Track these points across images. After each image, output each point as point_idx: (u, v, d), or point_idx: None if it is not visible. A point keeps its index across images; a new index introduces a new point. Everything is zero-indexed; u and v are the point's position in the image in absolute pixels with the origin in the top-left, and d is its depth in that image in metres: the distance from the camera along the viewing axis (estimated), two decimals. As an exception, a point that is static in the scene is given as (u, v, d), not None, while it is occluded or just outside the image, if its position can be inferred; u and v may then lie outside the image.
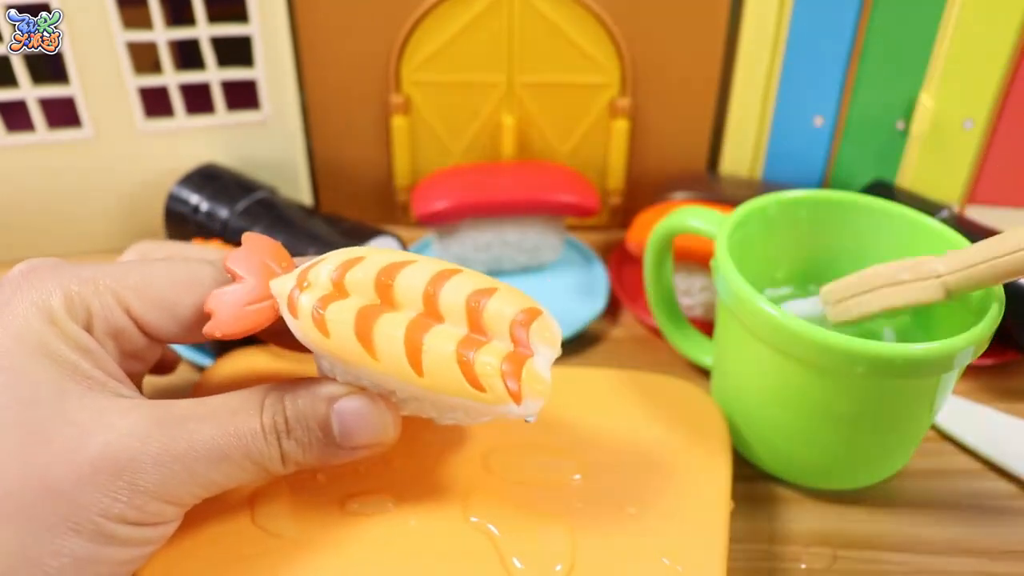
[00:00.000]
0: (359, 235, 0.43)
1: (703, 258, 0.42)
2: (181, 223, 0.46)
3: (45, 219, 0.48)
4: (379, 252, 0.26)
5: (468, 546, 0.27)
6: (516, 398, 0.24)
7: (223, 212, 0.45)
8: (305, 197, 0.51)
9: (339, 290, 0.25)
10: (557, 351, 0.25)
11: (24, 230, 0.48)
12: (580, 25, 0.47)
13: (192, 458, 0.23)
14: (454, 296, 0.25)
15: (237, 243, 0.44)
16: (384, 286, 0.25)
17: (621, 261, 0.49)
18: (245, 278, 0.26)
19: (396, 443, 0.27)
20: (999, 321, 0.30)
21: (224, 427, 0.24)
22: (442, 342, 0.24)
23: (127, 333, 0.26)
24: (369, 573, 0.27)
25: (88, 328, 0.25)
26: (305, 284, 0.25)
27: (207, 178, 0.47)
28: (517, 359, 0.24)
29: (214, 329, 0.25)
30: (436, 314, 0.25)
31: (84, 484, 0.22)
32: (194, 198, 0.46)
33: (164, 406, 0.24)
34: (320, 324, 0.24)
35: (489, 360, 0.24)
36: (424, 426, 0.31)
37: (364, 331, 0.24)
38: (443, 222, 0.47)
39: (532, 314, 0.25)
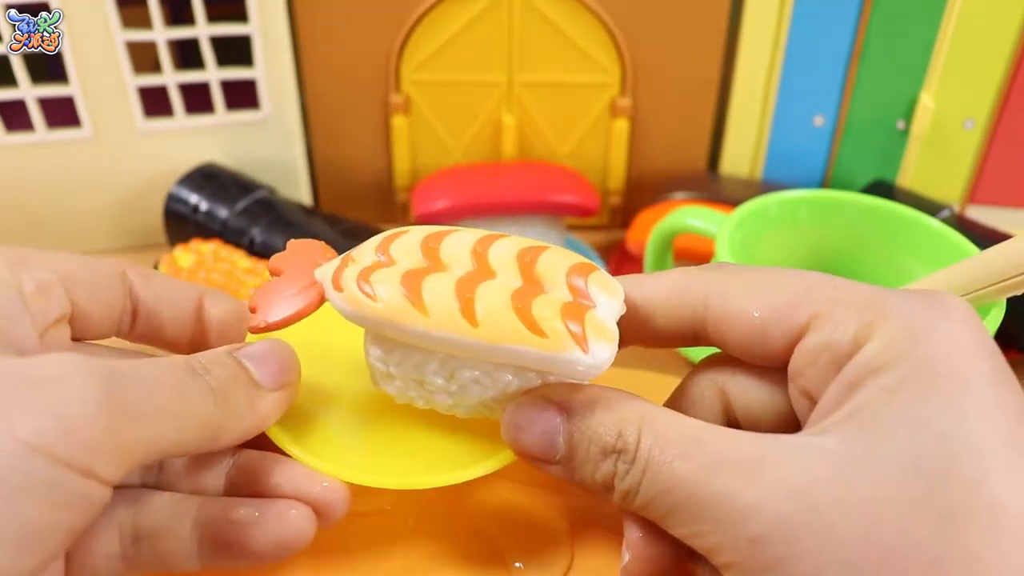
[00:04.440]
0: (359, 235, 0.43)
1: (703, 258, 0.42)
2: (180, 223, 0.46)
3: (45, 219, 0.48)
4: (423, 227, 0.25)
5: (467, 546, 0.27)
6: (581, 342, 0.21)
7: (222, 212, 0.45)
8: (305, 197, 0.51)
9: (384, 260, 0.24)
10: (621, 305, 0.23)
11: (24, 230, 0.48)
12: (580, 25, 0.47)
13: (140, 416, 0.20)
14: (505, 251, 0.24)
15: (237, 243, 0.44)
16: (430, 250, 0.24)
17: (621, 261, 0.49)
18: (287, 272, 0.25)
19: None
20: (999, 322, 0.30)
21: (158, 363, 0.21)
22: (496, 291, 0.22)
23: (56, 289, 0.24)
24: (368, 573, 0.27)
25: (14, 280, 0.23)
26: (350, 262, 0.24)
27: (206, 178, 0.47)
28: (578, 307, 0.22)
29: (259, 320, 0.24)
30: (487, 270, 0.23)
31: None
32: (193, 198, 0.46)
33: (89, 356, 0.20)
34: (365, 290, 0.23)
35: (548, 304, 0.22)
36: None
37: (413, 288, 0.23)
38: (443, 222, 0.47)
39: (589, 267, 0.23)
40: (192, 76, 0.46)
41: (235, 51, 0.46)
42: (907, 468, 0.18)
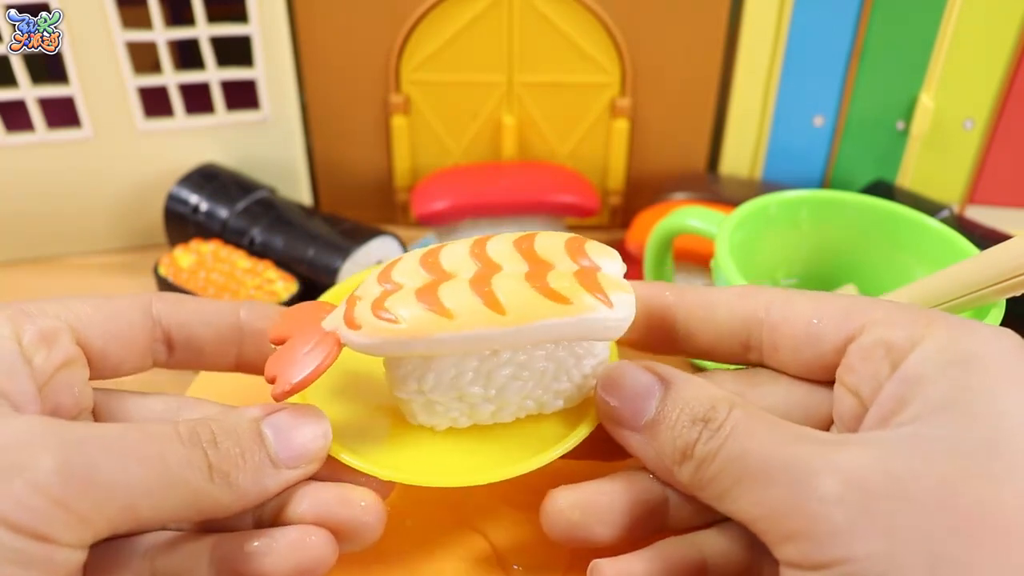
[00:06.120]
0: (359, 235, 0.43)
1: (703, 258, 0.42)
2: (181, 223, 0.46)
3: (45, 219, 0.48)
4: (414, 251, 0.25)
5: (466, 547, 0.27)
6: (604, 299, 0.23)
7: (223, 212, 0.45)
8: (305, 197, 0.51)
9: (391, 288, 0.24)
10: (621, 263, 0.25)
11: (24, 230, 0.48)
12: (580, 25, 0.47)
13: (111, 487, 0.19)
14: (501, 246, 0.24)
15: (237, 243, 0.44)
16: (431, 264, 0.24)
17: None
18: (293, 335, 0.24)
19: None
20: (999, 322, 0.30)
21: (135, 432, 0.21)
22: (510, 279, 0.23)
23: (62, 336, 0.24)
24: (367, 573, 0.27)
25: (13, 333, 0.23)
26: (357, 301, 0.24)
27: (207, 178, 0.47)
28: (587, 272, 0.24)
29: (282, 385, 0.23)
30: (492, 265, 0.24)
31: None
32: (194, 198, 0.46)
33: (58, 422, 0.20)
34: (385, 317, 0.23)
35: (561, 276, 0.23)
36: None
37: (432, 299, 0.23)
38: (443, 222, 0.47)
39: (581, 239, 0.25)
40: (192, 76, 0.46)
41: (235, 51, 0.46)
42: (986, 450, 0.18)
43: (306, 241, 0.43)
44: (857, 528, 0.18)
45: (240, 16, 0.45)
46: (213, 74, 0.46)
